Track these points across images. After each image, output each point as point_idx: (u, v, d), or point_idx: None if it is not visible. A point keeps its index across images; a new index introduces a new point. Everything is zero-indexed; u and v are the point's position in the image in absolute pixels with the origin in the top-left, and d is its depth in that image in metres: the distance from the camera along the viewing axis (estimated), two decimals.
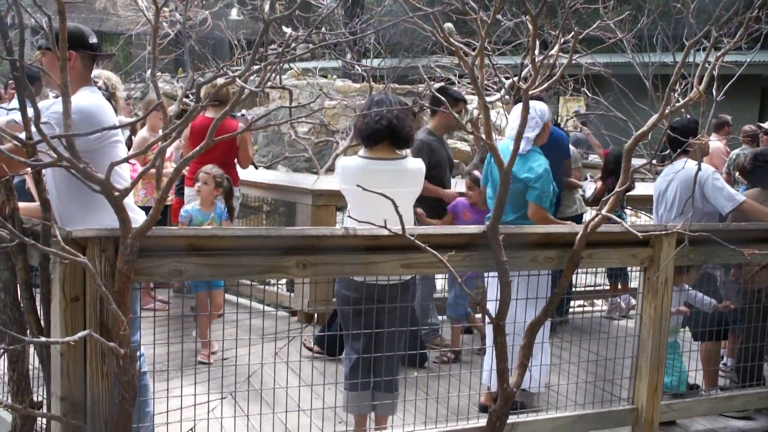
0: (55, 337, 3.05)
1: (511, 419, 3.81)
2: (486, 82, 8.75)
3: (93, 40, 3.67)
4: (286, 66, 10.75)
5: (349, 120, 9.86)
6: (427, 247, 3.39)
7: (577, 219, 6.66)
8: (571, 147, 7.20)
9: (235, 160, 6.62)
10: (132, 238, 2.94)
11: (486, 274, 4.75)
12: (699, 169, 4.16)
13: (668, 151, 5.24)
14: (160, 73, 12.69)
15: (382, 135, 4.12)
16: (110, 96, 4.54)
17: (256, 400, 4.40)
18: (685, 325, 4.98)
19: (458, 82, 10.44)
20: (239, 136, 6.40)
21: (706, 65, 3.89)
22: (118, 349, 2.90)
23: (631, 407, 4.22)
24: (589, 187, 6.61)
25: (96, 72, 4.21)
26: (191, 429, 4.08)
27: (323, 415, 3.92)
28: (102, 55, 3.77)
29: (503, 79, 8.95)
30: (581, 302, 7.62)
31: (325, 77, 12.62)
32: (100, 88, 3.89)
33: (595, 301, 7.75)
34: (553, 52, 4.94)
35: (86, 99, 3.52)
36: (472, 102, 10.43)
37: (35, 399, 3.41)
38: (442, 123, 6.14)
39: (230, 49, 11.73)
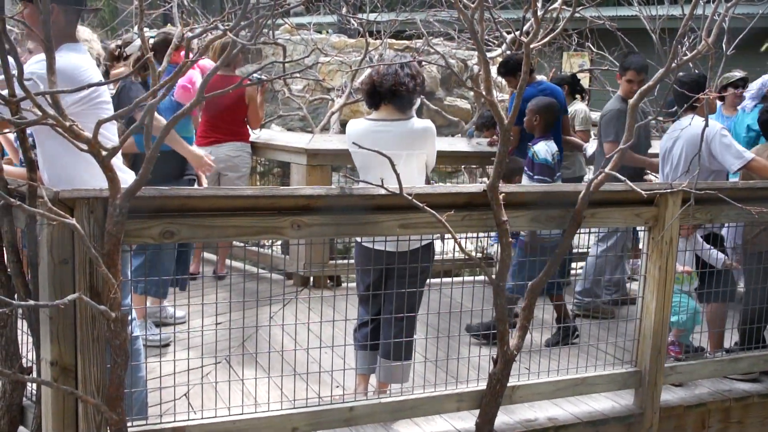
0: (44, 301, 2.96)
1: (512, 382, 3.76)
2: (486, 36, 8.59)
3: None
4: (279, 21, 10.56)
5: (345, 76, 9.68)
6: (425, 207, 3.31)
7: (577, 181, 6.55)
8: (582, 107, 7.06)
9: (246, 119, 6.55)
10: (121, 199, 2.84)
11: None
12: (706, 125, 4.05)
13: (675, 107, 5.12)
14: (147, 29, 12.45)
15: (383, 97, 4.07)
16: None
17: (251, 364, 4.35)
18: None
19: (458, 37, 10.26)
20: (248, 95, 6.37)
21: (716, 17, 3.75)
22: (109, 313, 2.82)
23: (635, 370, 4.16)
24: (591, 146, 6.49)
25: None
26: (185, 394, 4.02)
27: (320, 378, 3.85)
28: (86, 9, 3.62)
29: (504, 34, 8.78)
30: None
31: (320, 32, 12.41)
32: None
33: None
34: (555, 5, 4.79)
35: (66, 58, 3.38)
36: (472, 57, 10.27)
37: (24, 364, 3.34)
38: (629, 89, 5.86)
39: (220, 3, 11.50)
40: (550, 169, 5.37)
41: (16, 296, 3.18)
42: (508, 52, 8.30)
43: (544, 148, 5.37)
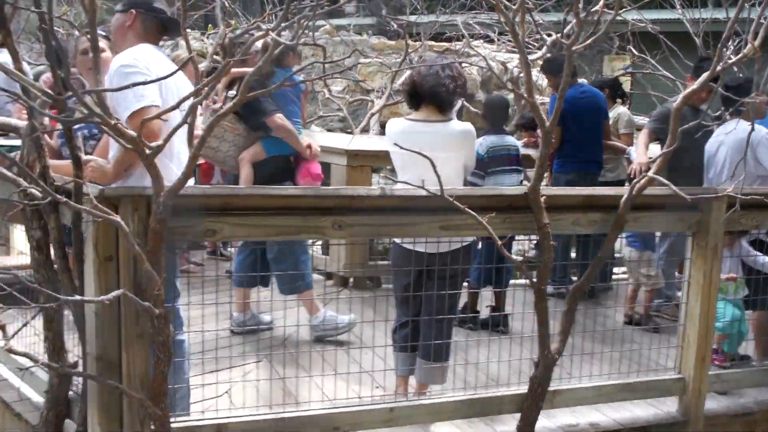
0: (89, 297, 3.00)
1: (553, 386, 3.72)
2: (527, 39, 8.53)
3: (158, 4, 3.63)
4: (319, 22, 10.60)
5: (385, 78, 9.68)
6: (466, 209, 3.30)
7: (619, 184, 6.48)
8: (624, 110, 6.98)
9: None
10: (165, 197, 2.87)
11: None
12: (752, 129, 3.98)
13: (720, 111, 5.05)
14: (189, 30, 12.55)
15: (423, 97, 4.07)
16: None
17: (291, 363, 4.36)
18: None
19: (497, 39, 10.22)
20: None
21: (762, 20, 3.69)
22: (153, 309, 2.85)
23: (678, 377, 4.09)
24: (634, 150, 6.42)
25: None
26: (226, 392, 4.05)
27: (360, 379, 3.85)
28: (166, 18, 3.64)
29: (545, 36, 8.72)
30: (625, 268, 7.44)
31: (360, 34, 12.43)
32: None
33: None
34: (597, 7, 4.74)
35: (121, 57, 3.42)
36: (512, 60, 10.22)
37: (70, 359, 3.39)
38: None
39: (261, 5, 11.58)
40: (483, 162, 5.31)
41: (62, 292, 3.23)
42: (549, 55, 8.26)
43: (479, 142, 5.31)
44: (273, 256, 5.04)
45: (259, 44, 4.90)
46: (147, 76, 3.30)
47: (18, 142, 4.45)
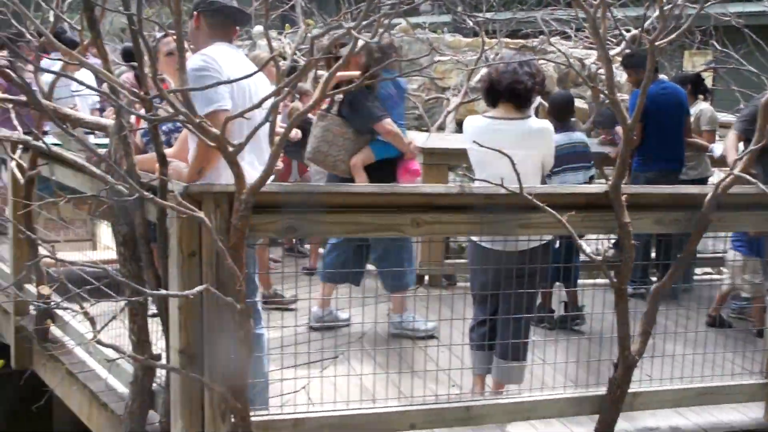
0: (173, 291, 3.07)
1: (633, 388, 3.65)
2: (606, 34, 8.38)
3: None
4: (394, 21, 10.60)
5: (461, 76, 9.64)
6: (546, 207, 3.26)
7: (701, 183, 6.31)
8: (707, 107, 6.79)
9: None
10: (247, 194, 2.91)
11: None
12: None
13: None
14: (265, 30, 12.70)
15: (501, 94, 4.03)
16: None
17: (368, 361, 4.38)
18: None
19: (574, 36, 10.07)
20: None
21: None
22: (234, 305, 2.89)
23: (764, 382, 3.97)
24: (718, 147, 6.24)
25: None
26: (304, 387, 4.09)
27: (437, 377, 3.85)
28: (230, 11, 3.64)
29: (623, 32, 8.56)
30: (708, 269, 7.25)
31: (435, 32, 12.40)
32: None
33: (722, 268, 7.35)
34: (680, 1, 4.62)
35: (192, 60, 3.46)
36: (589, 56, 10.06)
37: (154, 351, 3.48)
38: None
39: (336, 3, 11.65)
40: None
41: (147, 286, 3.31)
42: (628, 50, 8.09)
43: None
44: (377, 255, 5.09)
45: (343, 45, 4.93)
46: (219, 78, 3.28)
47: (105, 141, 4.60)
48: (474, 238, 4.08)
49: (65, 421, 4.86)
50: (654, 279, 5.99)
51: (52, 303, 3.77)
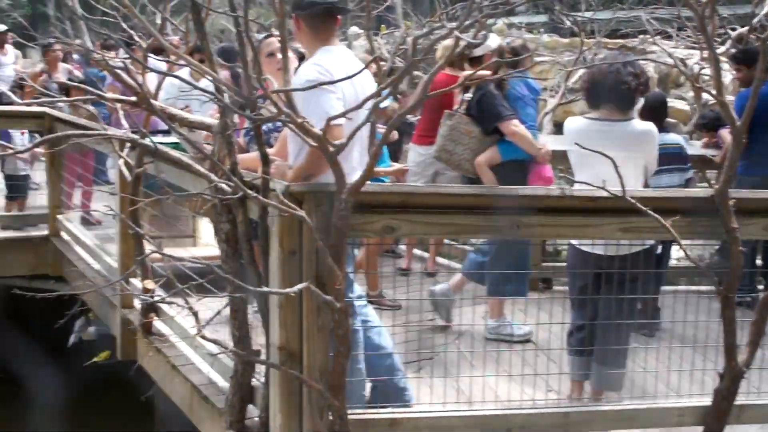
0: (274, 289, 3.12)
1: (739, 401, 3.51)
2: None
3: None
4: (489, 21, 10.52)
5: (558, 76, 9.49)
6: (649, 211, 3.18)
7: None
8: None
9: None
10: (347, 193, 2.93)
11: None
12: None
13: None
14: (361, 31, 12.77)
15: (603, 95, 3.96)
16: None
17: (464, 363, 4.36)
18: None
19: (676, 35, 9.79)
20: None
21: None
22: (334, 303, 2.92)
23: None
24: None
25: None
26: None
27: (535, 382, 3.80)
28: (326, 6, 3.64)
29: (728, 31, 8.28)
30: None
31: (532, 32, 12.26)
32: None
33: None
34: None
35: (305, 70, 3.51)
36: (691, 56, 9.76)
37: (254, 347, 3.54)
38: None
39: (431, 3, 11.65)
40: None
41: (248, 283, 3.37)
42: (733, 50, 7.81)
43: None
44: (489, 257, 5.01)
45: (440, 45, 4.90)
46: (333, 91, 3.34)
47: (171, 140, 4.71)
48: (573, 242, 4.01)
49: (169, 413, 5.00)
50: (761, 287, 5.77)
51: (158, 297, 3.89)
